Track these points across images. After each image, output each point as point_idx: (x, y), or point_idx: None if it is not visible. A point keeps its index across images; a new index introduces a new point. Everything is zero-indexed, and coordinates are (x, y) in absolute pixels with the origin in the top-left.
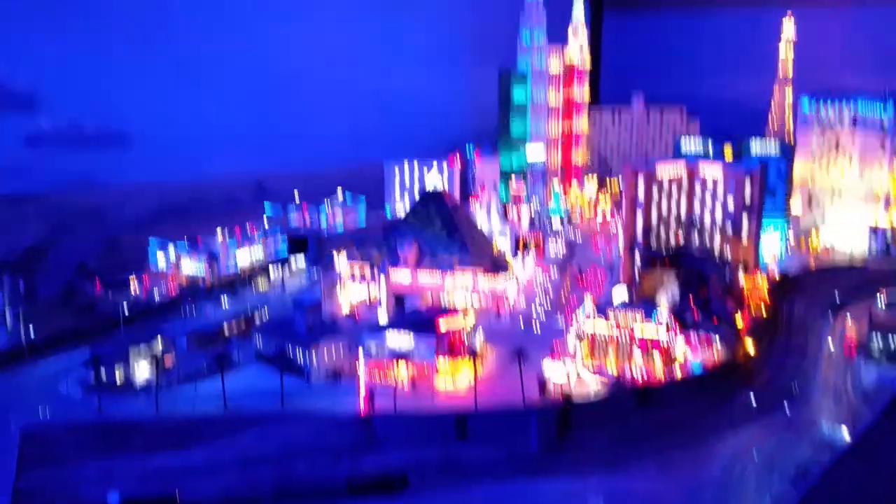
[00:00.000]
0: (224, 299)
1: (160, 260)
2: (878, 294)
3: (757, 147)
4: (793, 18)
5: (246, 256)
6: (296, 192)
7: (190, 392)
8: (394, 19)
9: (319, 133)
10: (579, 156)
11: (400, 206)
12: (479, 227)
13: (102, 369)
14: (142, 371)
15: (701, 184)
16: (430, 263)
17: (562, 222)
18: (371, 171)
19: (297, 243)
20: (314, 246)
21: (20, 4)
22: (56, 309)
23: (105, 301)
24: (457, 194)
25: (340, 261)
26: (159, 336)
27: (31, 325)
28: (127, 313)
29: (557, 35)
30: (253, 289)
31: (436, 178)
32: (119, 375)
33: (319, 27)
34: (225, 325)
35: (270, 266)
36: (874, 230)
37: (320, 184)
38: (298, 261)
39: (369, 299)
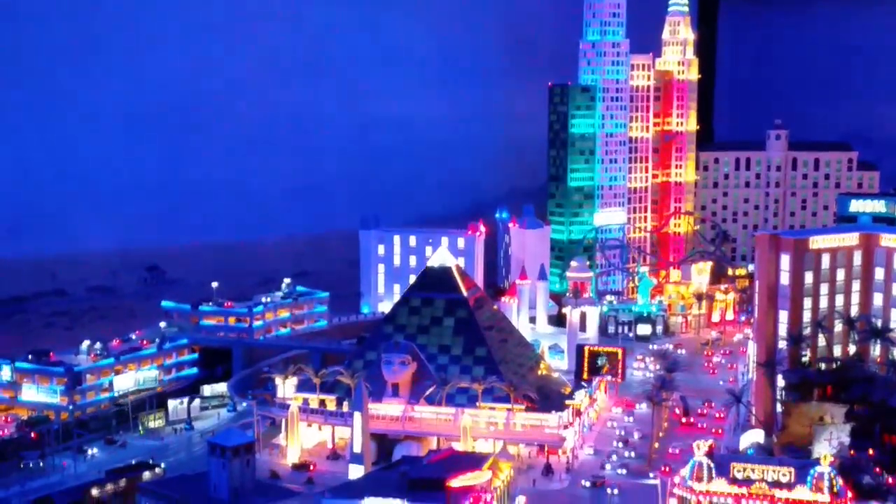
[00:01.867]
0: (91, 447)
1: None
2: None
3: None
4: None
5: (129, 379)
6: (214, 284)
7: None
8: (378, 16)
9: (254, 186)
10: (683, 223)
11: (385, 304)
12: (516, 334)
13: None
14: None
15: (883, 263)
16: (436, 391)
17: (654, 329)
18: (339, 245)
19: (215, 358)
20: (242, 362)
21: None
22: None
23: None
24: (480, 283)
25: (286, 385)
26: None
27: None
28: None
29: (645, 44)
30: (140, 428)
31: (446, 258)
32: None
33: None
34: (94, 486)
35: (170, 394)
36: None
37: (255, 268)
38: (216, 385)
39: (333, 445)
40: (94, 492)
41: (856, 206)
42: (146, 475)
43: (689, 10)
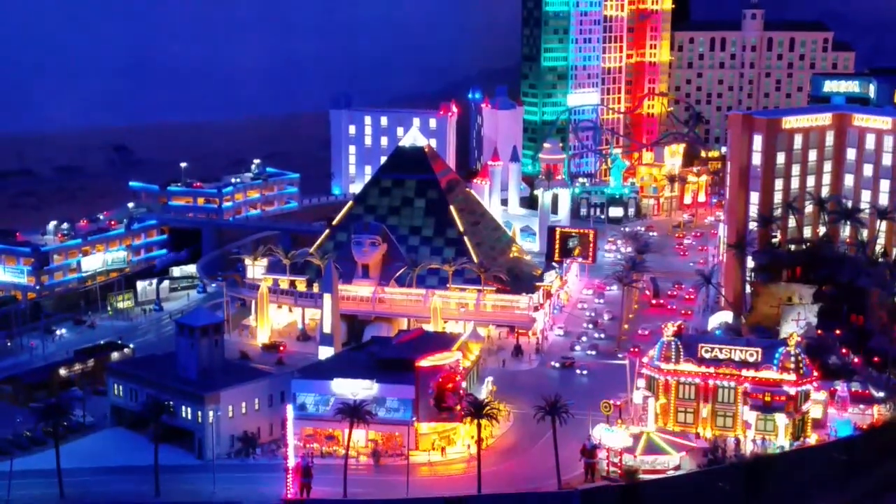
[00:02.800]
0: (60, 327)
1: None
2: None
3: None
4: None
5: (97, 260)
6: (183, 164)
7: (2, 474)
8: None
9: (222, 65)
10: (656, 104)
11: (356, 185)
12: (488, 217)
13: None
14: None
15: (856, 144)
16: (406, 272)
17: (626, 211)
18: (309, 126)
19: (185, 239)
20: (212, 243)
21: None
22: None
23: None
24: (451, 164)
25: (256, 266)
26: None
27: None
28: None
29: None
30: (109, 309)
31: (418, 139)
32: None
33: None
34: (61, 366)
35: (138, 274)
36: None
37: (223, 149)
38: (186, 266)
39: (304, 326)
40: (62, 371)
41: (829, 86)
42: (114, 355)
43: None
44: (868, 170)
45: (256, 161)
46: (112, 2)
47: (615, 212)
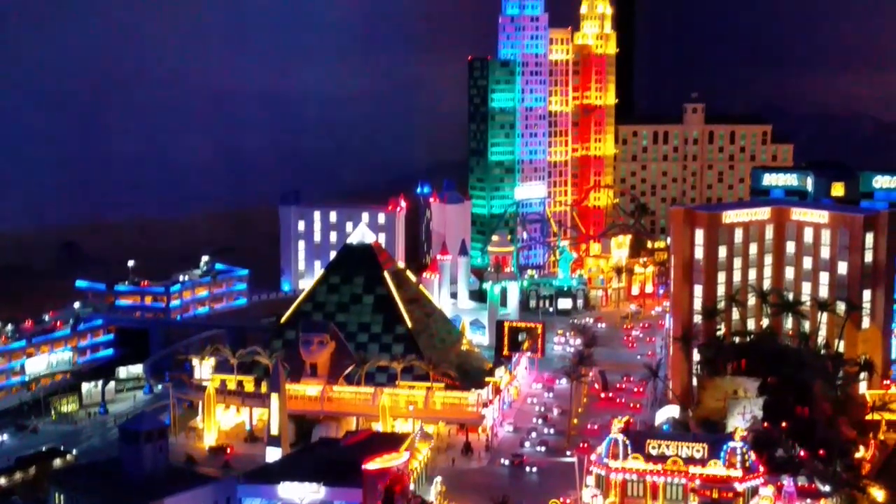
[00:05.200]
0: (1, 433)
1: None
2: None
3: (885, 182)
4: None
5: (41, 362)
6: (130, 262)
7: None
8: None
9: (172, 160)
10: (602, 197)
11: (306, 280)
12: (437, 311)
13: None
14: None
15: (795, 237)
16: (355, 370)
17: (575, 303)
18: (259, 222)
19: (131, 339)
20: (159, 343)
21: None
22: None
23: None
24: (400, 259)
25: (203, 366)
26: None
27: None
28: None
29: (563, 19)
30: (53, 413)
31: (366, 235)
32: None
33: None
34: (1, 475)
35: (83, 377)
36: None
37: (173, 244)
38: (131, 367)
39: (251, 428)
40: (2, 481)
41: (769, 179)
42: (57, 462)
43: None
44: (808, 262)
45: (205, 258)
46: (60, 99)
47: (564, 304)
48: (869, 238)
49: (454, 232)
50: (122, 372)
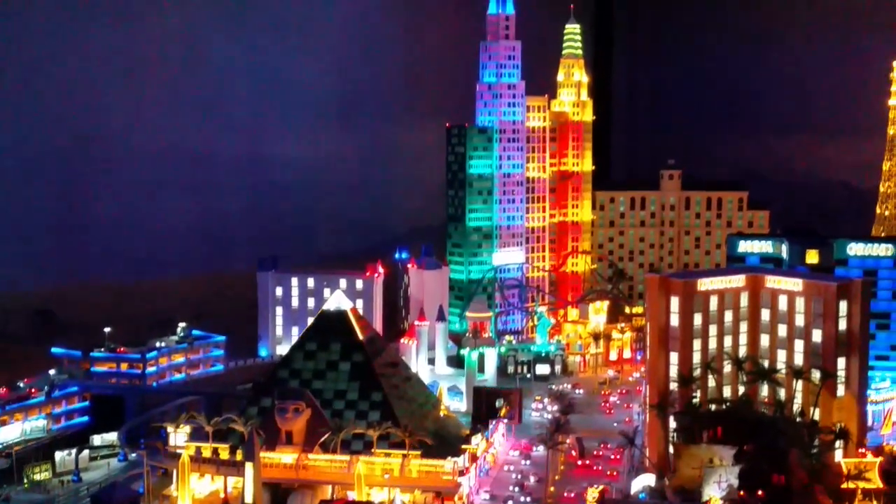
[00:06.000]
0: None
1: None
2: None
3: (858, 250)
4: None
5: (15, 430)
6: (107, 329)
7: None
8: (277, 56)
9: (149, 226)
10: (580, 262)
11: (283, 346)
12: (414, 378)
13: None
14: None
15: (770, 305)
16: (330, 438)
17: (553, 369)
18: (237, 286)
19: (106, 406)
20: (134, 410)
21: None
22: None
23: None
24: (378, 325)
25: (178, 434)
26: None
27: None
28: None
29: (540, 86)
30: (25, 481)
31: (342, 302)
32: None
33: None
34: None
35: (58, 444)
36: None
37: (149, 310)
38: (106, 435)
39: (225, 495)
40: None
41: (744, 246)
42: None
43: (582, 54)
44: (782, 330)
45: (182, 324)
46: (36, 164)
47: (542, 369)
48: (843, 306)
49: (432, 298)
50: (97, 439)
